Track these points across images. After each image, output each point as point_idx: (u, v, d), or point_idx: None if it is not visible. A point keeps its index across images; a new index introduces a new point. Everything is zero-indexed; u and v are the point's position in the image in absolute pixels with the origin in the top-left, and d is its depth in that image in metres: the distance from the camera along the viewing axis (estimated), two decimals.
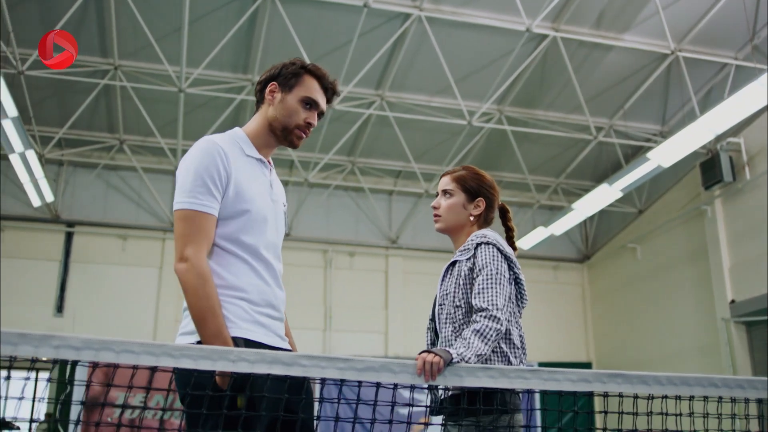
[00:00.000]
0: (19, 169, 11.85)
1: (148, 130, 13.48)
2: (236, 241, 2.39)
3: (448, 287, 2.62)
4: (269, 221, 2.49)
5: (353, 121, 13.60)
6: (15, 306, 13.84)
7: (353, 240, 16.11)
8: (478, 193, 2.81)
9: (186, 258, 2.27)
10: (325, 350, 15.24)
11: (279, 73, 2.64)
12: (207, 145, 2.42)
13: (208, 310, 2.21)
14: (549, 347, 16.17)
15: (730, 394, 2.07)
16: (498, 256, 2.55)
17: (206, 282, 2.25)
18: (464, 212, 2.79)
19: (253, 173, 2.50)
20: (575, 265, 17.22)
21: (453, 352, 2.16)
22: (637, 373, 2.09)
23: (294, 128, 2.60)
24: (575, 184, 15.86)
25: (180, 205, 2.34)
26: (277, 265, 2.53)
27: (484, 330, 2.32)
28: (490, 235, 2.65)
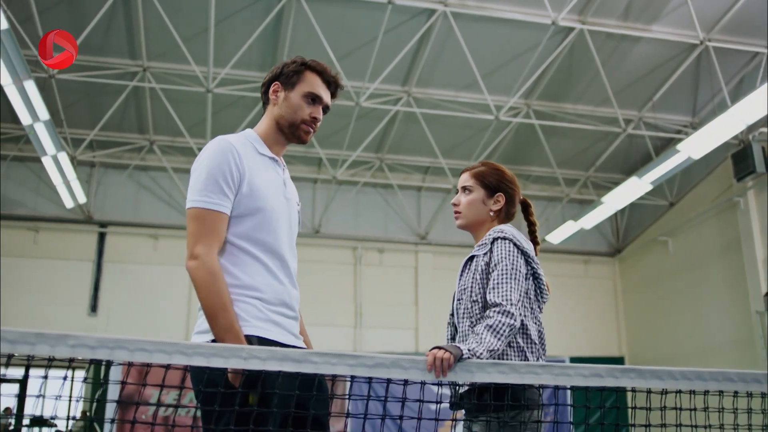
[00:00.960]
0: (52, 171, 12.03)
1: (178, 131, 13.61)
2: (250, 239, 2.42)
3: (466, 282, 2.62)
4: (283, 219, 2.52)
5: (380, 117, 13.61)
6: (50, 306, 14.10)
7: (382, 236, 16.13)
8: (498, 188, 2.80)
9: (196, 255, 2.30)
10: (356, 347, 15.29)
11: (281, 72, 2.67)
12: (220, 144, 2.45)
13: (219, 305, 2.23)
14: (581, 342, 16.08)
15: (747, 388, 2.05)
16: (514, 251, 2.54)
17: (216, 278, 2.28)
18: (484, 208, 2.78)
19: (266, 172, 2.53)
20: (606, 259, 17.07)
21: (463, 348, 2.16)
22: (651, 368, 2.07)
23: (300, 123, 2.64)
24: (605, 178, 15.72)
25: (192, 204, 2.38)
26: (291, 263, 2.55)
27: (496, 325, 2.32)
28: (508, 230, 2.65)
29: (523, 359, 2.44)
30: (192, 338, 2.33)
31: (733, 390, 2.04)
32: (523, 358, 2.45)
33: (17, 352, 1.74)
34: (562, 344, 15.89)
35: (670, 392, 2.10)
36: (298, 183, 15.53)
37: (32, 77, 9.54)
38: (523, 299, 2.53)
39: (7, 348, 1.72)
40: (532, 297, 2.60)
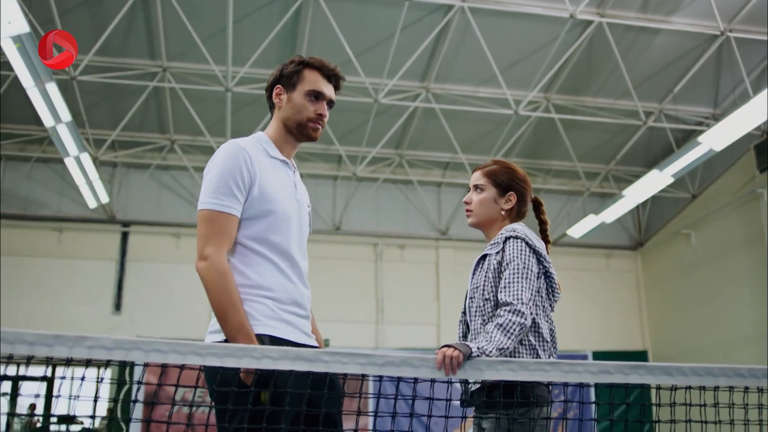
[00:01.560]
0: (75, 172, 12.16)
1: (198, 130, 13.70)
2: (262, 240, 2.46)
3: (478, 280, 2.64)
4: (294, 221, 2.56)
5: (399, 114, 13.62)
6: (75, 305, 14.28)
7: (403, 232, 16.15)
8: (510, 187, 2.82)
9: (206, 256, 2.35)
10: (377, 343, 15.33)
11: (281, 75, 2.71)
12: (232, 148, 2.50)
13: (229, 305, 2.28)
14: (603, 336, 16.01)
15: (758, 384, 2.04)
16: (525, 250, 2.55)
17: (225, 278, 2.32)
18: (496, 207, 2.80)
19: (277, 174, 2.57)
20: (628, 252, 16.97)
21: (473, 346, 2.18)
22: (660, 365, 2.07)
23: (307, 122, 2.68)
24: (626, 171, 15.63)
25: (203, 206, 2.43)
26: (302, 264, 2.58)
27: (506, 324, 2.34)
28: (519, 229, 2.66)
29: (535, 357, 2.46)
30: (206, 338, 2.37)
31: (744, 386, 2.04)
32: (534, 356, 2.46)
33: (36, 353, 1.79)
34: (585, 339, 15.84)
35: (679, 388, 2.10)
36: (318, 180, 15.70)
37: (54, 79, 9.65)
38: (535, 298, 2.55)
39: (26, 350, 1.77)
40: (543, 295, 2.61)
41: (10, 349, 1.76)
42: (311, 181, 15.42)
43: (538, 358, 2.46)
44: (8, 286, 14.17)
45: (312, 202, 11.77)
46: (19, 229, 14.65)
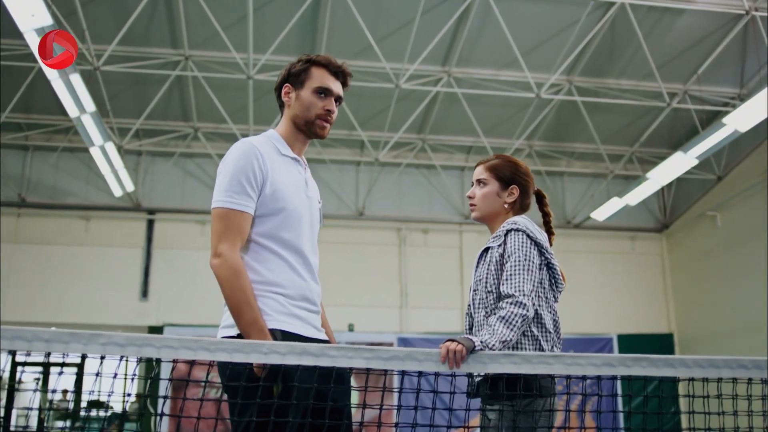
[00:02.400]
0: (100, 161, 12.31)
1: (221, 117, 13.79)
2: (274, 237, 2.52)
3: (481, 273, 2.68)
4: (305, 218, 2.61)
5: (421, 98, 13.61)
6: (103, 292, 14.49)
7: (426, 217, 16.15)
8: (512, 180, 2.84)
9: (220, 254, 2.41)
10: (402, 328, 15.40)
11: (289, 73, 2.76)
12: (244, 147, 2.55)
13: (244, 300, 2.34)
14: (628, 319, 15.95)
15: (761, 375, 2.05)
16: (527, 243, 2.58)
17: (239, 275, 2.38)
18: (499, 200, 2.83)
19: (288, 172, 2.62)
20: (653, 234, 16.85)
21: (476, 340, 2.21)
22: (663, 357, 2.08)
23: (315, 119, 2.73)
24: (650, 152, 15.49)
25: (216, 204, 2.48)
26: (313, 260, 2.63)
27: (509, 316, 2.37)
28: (521, 221, 2.68)
29: (538, 348, 2.48)
30: (218, 332, 2.43)
31: (748, 377, 2.05)
32: (537, 347, 2.49)
33: (53, 350, 1.85)
34: (610, 322, 15.80)
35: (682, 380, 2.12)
36: (341, 166, 15.74)
37: (78, 70, 9.77)
38: (538, 289, 2.57)
39: (43, 347, 1.83)
40: (546, 287, 2.64)
41: (27, 347, 1.82)
42: (334, 166, 15.47)
43: (541, 349, 2.49)
44: (38, 274, 14.43)
45: (335, 187, 11.86)
46: (47, 218, 14.88)
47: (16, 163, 14.95)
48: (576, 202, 16.41)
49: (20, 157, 15.00)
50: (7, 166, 14.75)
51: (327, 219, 15.33)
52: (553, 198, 16.36)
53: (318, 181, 12.23)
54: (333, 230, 15.70)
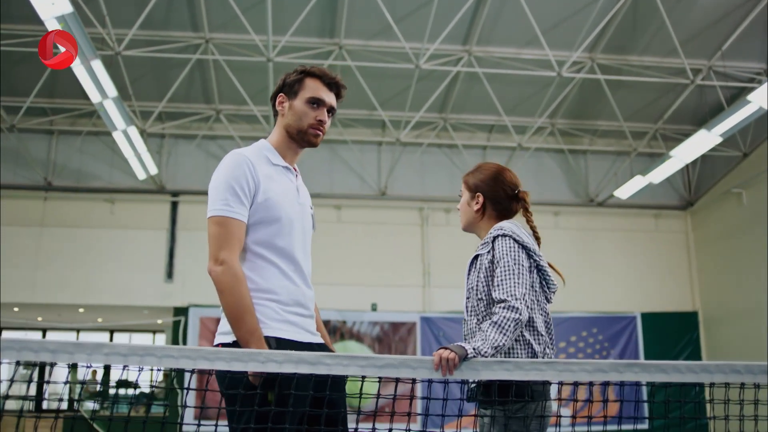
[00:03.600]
0: (123, 145, 12.43)
1: (243, 99, 13.85)
2: (267, 245, 2.58)
3: (472, 281, 2.72)
4: (297, 225, 2.66)
5: (442, 78, 13.55)
6: (129, 273, 14.70)
7: (449, 196, 16.12)
8: (476, 188, 2.90)
9: (221, 261, 2.47)
10: (425, 307, 15.45)
11: (284, 83, 2.79)
12: (235, 158, 2.62)
13: (244, 308, 2.41)
14: (653, 298, 15.88)
15: (754, 380, 2.05)
16: (514, 247, 2.60)
17: (240, 282, 2.45)
18: (469, 209, 2.95)
19: (280, 181, 2.67)
20: (678, 212, 16.70)
21: (468, 348, 2.24)
22: (655, 363, 2.10)
23: (308, 129, 2.79)
24: (675, 129, 15.32)
25: (213, 212, 2.55)
26: (305, 266, 2.68)
27: (501, 321, 2.39)
28: (507, 226, 2.71)
29: (529, 351, 2.50)
30: (215, 339, 2.50)
31: (740, 382, 2.05)
32: (529, 349, 2.51)
33: (58, 360, 1.91)
34: (633, 300, 15.74)
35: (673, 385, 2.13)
36: (363, 146, 15.76)
37: (98, 56, 9.84)
38: (529, 292, 2.59)
39: (48, 357, 1.90)
40: (537, 290, 2.66)
41: (34, 357, 1.89)
42: (356, 147, 15.49)
43: (532, 352, 2.51)
44: (65, 256, 14.66)
45: (357, 167, 11.90)
46: (73, 201, 15.09)
47: (42, 147, 15.15)
48: (599, 180, 16.30)
49: (46, 142, 15.19)
50: (33, 151, 14.95)
51: (349, 199, 15.52)
52: (576, 176, 16.27)
53: (339, 162, 12.39)
54: (355, 210, 15.77)
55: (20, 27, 11.86)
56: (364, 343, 14.91)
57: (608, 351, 15.19)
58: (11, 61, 12.48)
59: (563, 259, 15.45)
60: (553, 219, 16.00)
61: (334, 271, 15.18)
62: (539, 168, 16.27)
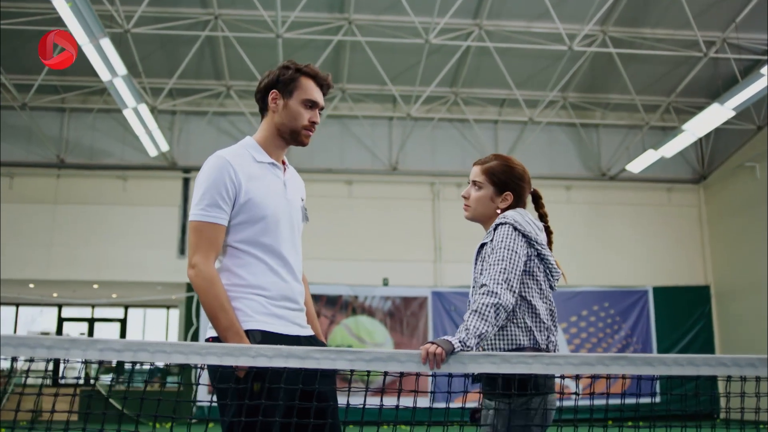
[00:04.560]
0: (134, 122, 12.47)
1: (252, 75, 13.83)
2: (254, 243, 2.64)
3: (477, 270, 2.71)
4: (283, 221, 2.70)
5: (453, 52, 13.47)
6: (142, 249, 14.81)
7: (460, 171, 16.10)
8: (506, 186, 2.82)
9: (194, 264, 2.55)
10: (436, 282, 15.50)
11: (277, 80, 2.78)
12: (216, 162, 2.66)
13: (218, 308, 2.48)
14: (665, 272, 15.85)
15: (740, 373, 2.06)
16: (511, 234, 2.58)
17: (212, 284, 2.52)
18: (492, 205, 2.82)
19: (265, 178, 2.70)
20: (690, 186, 16.60)
21: (454, 341, 2.24)
22: (642, 355, 2.11)
23: (301, 130, 2.79)
24: (687, 102, 15.19)
25: (192, 217, 2.63)
26: (293, 261, 2.73)
27: (480, 308, 2.37)
28: (510, 215, 2.68)
29: (531, 339, 2.50)
30: (206, 332, 2.57)
31: (727, 375, 2.06)
32: (531, 337, 2.51)
33: (54, 356, 1.96)
34: (645, 275, 15.72)
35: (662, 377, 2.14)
36: (374, 121, 15.72)
37: (107, 34, 9.85)
38: (525, 279, 2.58)
39: (44, 353, 1.94)
40: (540, 279, 2.64)
41: (31, 353, 1.94)
42: (366, 122, 15.47)
43: (534, 340, 2.51)
44: (78, 233, 14.79)
45: (368, 142, 11.95)
46: (86, 178, 15.19)
47: (54, 125, 15.23)
48: (611, 154, 16.22)
49: (58, 119, 15.27)
50: (46, 128, 15.03)
51: (360, 174, 15.52)
52: (588, 150, 16.20)
53: (350, 137, 12.40)
54: (366, 186, 15.78)
55: (30, 5, 11.89)
56: (375, 318, 15.00)
57: (619, 325, 15.21)
58: (21, 39, 12.52)
59: (575, 234, 15.51)
60: (565, 193, 15.96)
61: (345, 246, 15.26)
62: (551, 142, 16.21)
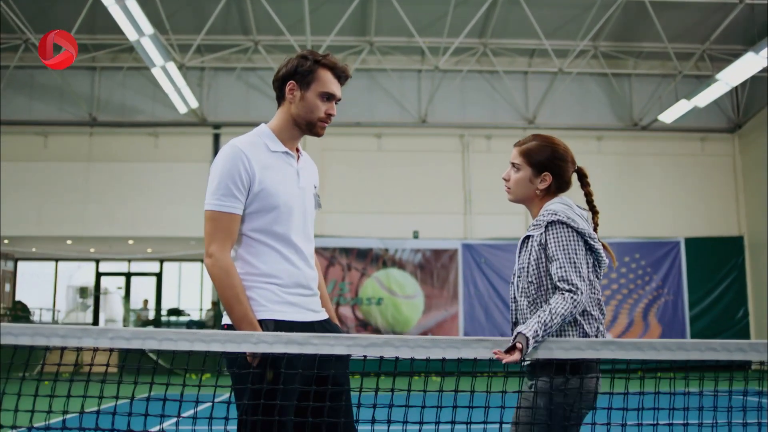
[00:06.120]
0: (163, 80, 12.56)
1: (279, 30, 13.80)
2: (267, 232, 2.69)
3: (523, 261, 2.69)
4: (296, 209, 2.74)
5: (481, 2, 13.29)
6: (174, 206, 15.03)
7: (489, 123, 16.01)
8: (544, 167, 2.79)
9: (210, 254, 2.60)
10: (466, 234, 15.54)
11: (295, 71, 2.78)
12: (230, 151, 2.71)
13: (233, 297, 2.54)
14: (697, 222, 15.71)
15: (730, 357, 2.08)
16: (571, 236, 2.56)
17: (228, 274, 2.57)
18: (531, 186, 2.79)
19: (278, 167, 2.74)
20: (725, 135, 16.32)
21: (530, 341, 2.27)
22: (632, 340, 2.14)
23: (317, 122, 2.81)
24: (723, 50, 14.84)
25: (207, 207, 2.68)
26: (306, 248, 2.78)
27: (563, 312, 2.39)
28: (560, 210, 2.65)
29: (581, 332, 2.50)
30: (222, 319, 2.65)
31: (716, 359, 2.09)
32: (581, 331, 2.51)
33: (67, 344, 2.06)
34: (678, 226, 15.60)
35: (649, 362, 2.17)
36: (401, 74, 15.61)
37: None
38: (587, 280, 2.59)
39: (59, 342, 2.04)
40: (590, 270, 2.65)
41: (45, 342, 2.04)
42: (395, 74, 15.40)
43: (584, 334, 2.50)
44: (112, 190, 15.05)
45: (397, 95, 12.00)
46: (118, 135, 15.39)
47: (85, 83, 15.39)
48: (643, 104, 15.97)
49: (89, 78, 15.42)
50: (77, 87, 15.19)
51: (390, 127, 15.51)
52: (620, 100, 15.97)
53: (379, 90, 12.42)
54: (396, 138, 15.77)
55: None
56: (406, 271, 15.12)
57: (651, 277, 15.16)
58: None
59: (606, 185, 15.38)
60: (596, 144, 15.80)
61: (375, 199, 15.33)
62: (582, 92, 16.01)
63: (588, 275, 2.59)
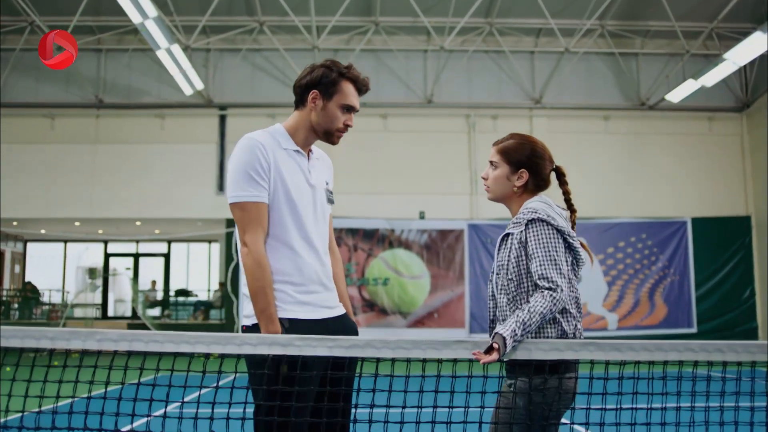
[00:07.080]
0: (168, 62, 12.56)
1: (284, 10, 13.77)
2: (279, 228, 2.74)
3: (502, 259, 2.72)
4: (308, 206, 2.80)
5: None
6: (181, 187, 15.11)
7: (496, 103, 15.96)
8: (521, 164, 2.83)
9: (245, 243, 2.67)
10: (472, 214, 15.56)
11: (320, 81, 2.82)
12: (247, 142, 2.75)
13: (260, 289, 2.62)
14: (705, 202, 15.66)
15: (708, 358, 2.11)
16: (551, 234, 2.59)
17: (260, 265, 2.64)
18: (509, 183, 2.83)
19: (290, 164, 2.80)
20: (733, 114, 16.22)
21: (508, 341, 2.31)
22: (610, 341, 2.16)
23: (335, 132, 2.88)
24: (731, 28, 14.73)
25: (233, 199, 2.71)
26: (319, 244, 2.84)
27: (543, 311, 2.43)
28: (540, 208, 2.68)
29: (560, 330, 2.53)
30: (240, 321, 2.72)
31: (694, 359, 2.11)
32: (559, 329, 2.54)
33: (57, 346, 2.11)
34: (685, 205, 15.56)
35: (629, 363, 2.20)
36: (407, 54, 15.57)
37: None
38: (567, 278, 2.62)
39: (48, 343, 2.09)
40: (569, 269, 2.67)
41: (35, 344, 2.09)
42: (401, 55, 15.35)
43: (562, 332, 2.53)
44: (119, 172, 15.12)
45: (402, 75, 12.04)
46: (124, 117, 15.43)
47: (91, 65, 15.41)
48: (650, 83, 15.88)
49: (95, 60, 15.44)
50: (83, 69, 15.21)
51: (396, 108, 15.49)
52: (627, 80, 15.89)
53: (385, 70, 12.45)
54: (401, 119, 15.75)
55: None
56: (412, 251, 15.17)
57: (657, 256, 15.16)
58: None
59: (612, 164, 15.37)
60: (603, 123, 15.74)
61: (381, 180, 15.35)
62: (588, 71, 15.93)
63: (567, 273, 2.62)
